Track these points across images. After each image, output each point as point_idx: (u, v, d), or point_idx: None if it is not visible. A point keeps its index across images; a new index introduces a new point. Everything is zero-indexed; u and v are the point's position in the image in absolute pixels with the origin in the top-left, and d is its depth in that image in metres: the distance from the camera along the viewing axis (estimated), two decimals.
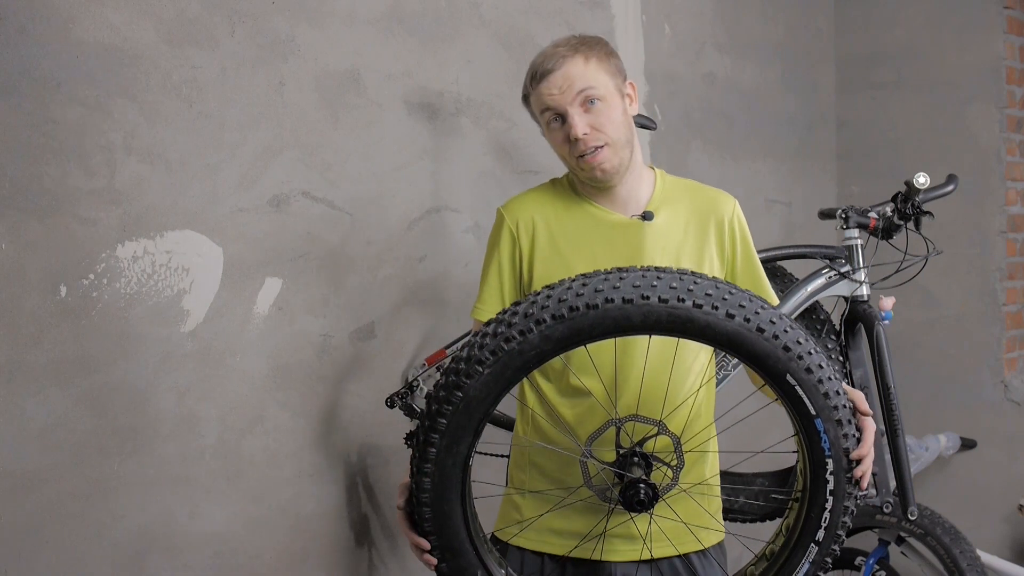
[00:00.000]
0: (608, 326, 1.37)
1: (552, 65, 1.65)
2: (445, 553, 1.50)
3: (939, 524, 2.65)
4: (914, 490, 2.53)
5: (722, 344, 1.39)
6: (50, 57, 1.84)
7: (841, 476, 1.46)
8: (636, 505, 1.50)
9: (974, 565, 2.62)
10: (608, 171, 1.67)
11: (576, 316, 1.36)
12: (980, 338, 3.65)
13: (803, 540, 1.50)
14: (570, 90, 1.64)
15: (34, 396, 1.84)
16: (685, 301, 1.36)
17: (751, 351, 1.39)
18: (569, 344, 1.38)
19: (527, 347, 1.37)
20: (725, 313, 1.37)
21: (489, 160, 2.66)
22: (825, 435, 1.44)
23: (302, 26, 2.23)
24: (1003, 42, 3.60)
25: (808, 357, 1.41)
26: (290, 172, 2.22)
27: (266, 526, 2.20)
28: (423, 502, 1.47)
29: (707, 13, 3.38)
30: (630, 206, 1.73)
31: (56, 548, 1.87)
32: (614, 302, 1.35)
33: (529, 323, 1.37)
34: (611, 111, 1.66)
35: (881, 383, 2.49)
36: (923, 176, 2.48)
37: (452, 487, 1.45)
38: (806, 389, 1.41)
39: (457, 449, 1.43)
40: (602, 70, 1.66)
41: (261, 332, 2.18)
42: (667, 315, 1.36)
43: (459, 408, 1.41)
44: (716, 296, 1.37)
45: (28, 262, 1.82)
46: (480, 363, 1.39)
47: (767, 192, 3.63)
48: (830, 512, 1.48)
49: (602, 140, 1.65)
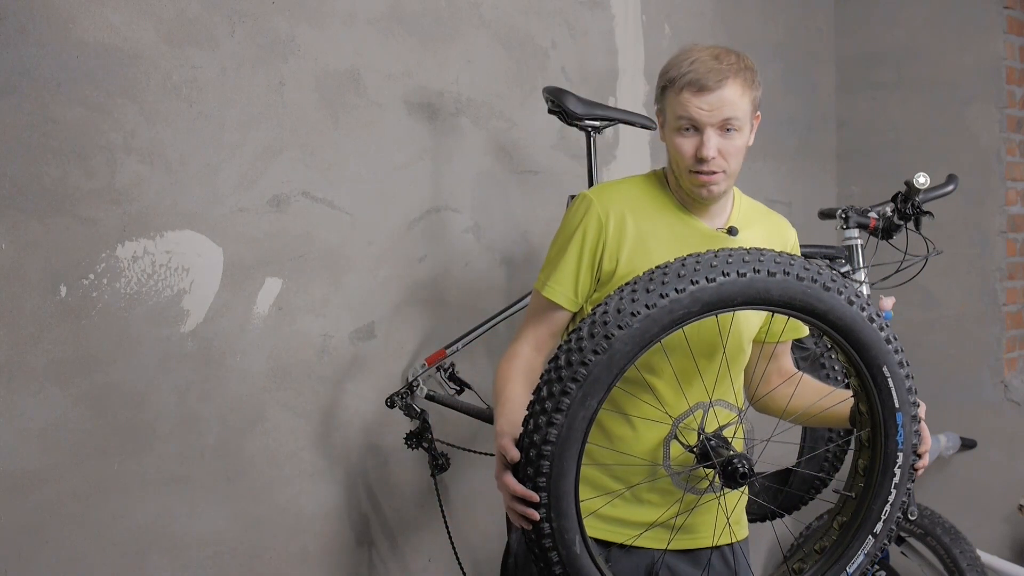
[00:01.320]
0: (751, 295, 1.45)
1: (713, 83, 1.65)
2: (551, 512, 1.47)
3: (939, 524, 2.65)
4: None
5: (836, 328, 1.49)
6: (50, 57, 1.84)
7: (907, 470, 1.56)
8: (739, 479, 1.55)
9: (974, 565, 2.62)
10: (714, 193, 1.71)
11: (726, 282, 1.44)
12: (980, 338, 3.65)
13: (861, 533, 1.58)
14: (719, 113, 1.65)
15: (34, 396, 1.84)
16: (816, 282, 1.46)
17: (860, 339, 1.50)
18: (713, 308, 1.45)
19: (677, 306, 1.43)
20: (847, 299, 1.48)
21: (489, 160, 2.65)
22: (903, 428, 1.54)
23: (302, 26, 2.23)
24: (1003, 42, 3.59)
25: (901, 353, 1.53)
26: (290, 172, 2.22)
27: (266, 526, 2.20)
28: (544, 454, 1.45)
29: (707, 13, 3.38)
30: (718, 219, 1.78)
31: (56, 548, 1.87)
32: (760, 273, 1.45)
33: (684, 283, 1.43)
34: (740, 142, 1.69)
35: None
36: (923, 176, 2.48)
37: (576, 443, 1.45)
38: (896, 382, 1.53)
39: (589, 402, 1.44)
40: (748, 100, 1.69)
41: (261, 332, 2.18)
42: (801, 292, 1.46)
43: (603, 359, 1.42)
44: (840, 282, 1.49)
45: (28, 262, 1.82)
46: (633, 315, 1.42)
47: (767, 192, 3.62)
48: (891, 506, 1.57)
49: (723, 167, 1.68)
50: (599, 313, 1.44)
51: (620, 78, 3.04)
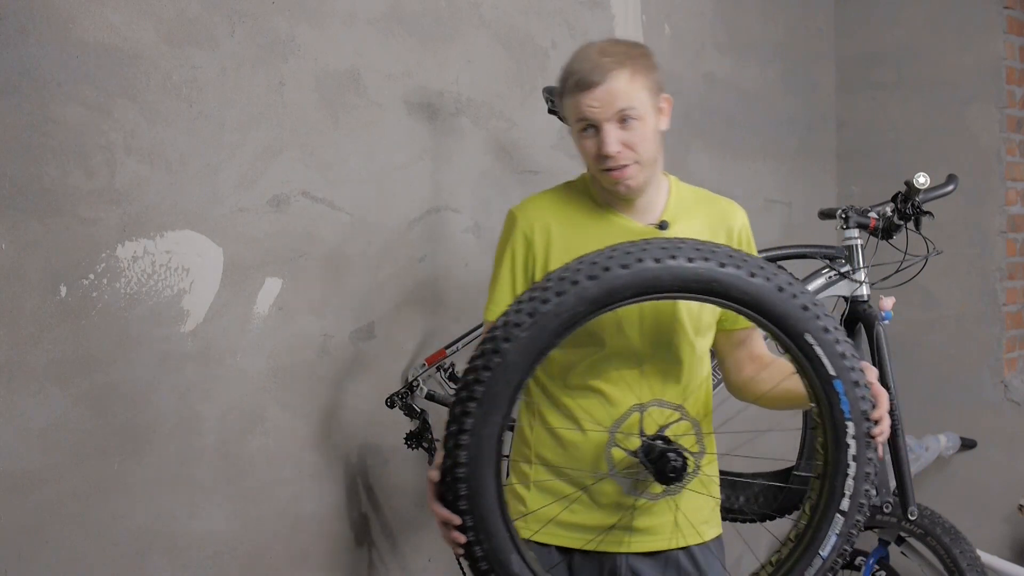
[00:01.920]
0: (639, 286, 1.41)
1: (598, 78, 1.63)
2: (479, 535, 1.47)
3: (939, 524, 2.65)
4: (914, 490, 2.53)
5: (745, 304, 1.44)
6: (50, 57, 1.84)
7: (862, 440, 1.49)
8: (670, 474, 1.51)
9: (974, 565, 2.62)
10: (633, 187, 1.68)
11: (609, 276, 1.40)
12: (980, 338, 3.65)
13: (828, 512, 1.51)
14: (611, 106, 1.63)
15: (34, 396, 1.84)
16: (709, 260, 1.42)
17: (772, 311, 1.44)
18: (603, 305, 1.42)
19: (563, 308, 1.40)
20: (748, 272, 1.43)
21: (489, 160, 2.65)
22: (845, 396, 1.47)
23: (302, 26, 2.23)
24: (1003, 42, 3.60)
25: (824, 318, 1.45)
26: (290, 172, 2.22)
27: (266, 526, 2.20)
28: (459, 477, 1.44)
29: (707, 13, 3.38)
30: (647, 214, 1.74)
31: (56, 548, 1.87)
32: (644, 262, 1.41)
33: (565, 284, 1.40)
34: (645, 130, 1.66)
35: (881, 383, 2.49)
36: (923, 176, 2.48)
37: (488, 461, 1.44)
38: (825, 349, 1.45)
39: (493, 419, 1.43)
40: (644, 87, 1.65)
41: (261, 332, 2.18)
42: (694, 275, 1.42)
43: (497, 374, 1.41)
44: (737, 257, 1.44)
45: (28, 262, 1.82)
46: (518, 326, 1.40)
47: (767, 192, 3.62)
48: (853, 479, 1.50)
49: (632, 159, 1.65)
50: (491, 329, 1.43)
51: None
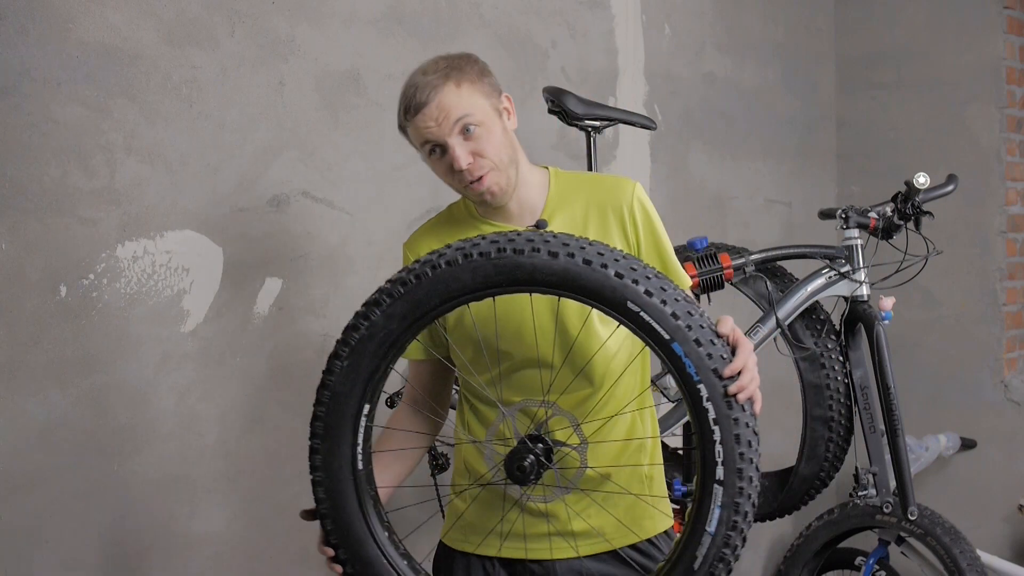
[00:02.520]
0: (442, 292, 1.39)
1: (425, 97, 1.62)
2: (355, 565, 1.50)
3: (939, 524, 2.65)
4: (914, 490, 2.53)
5: (556, 286, 1.37)
6: (50, 57, 1.84)
7: (719, 401, 1.35)
8: (517, 473, 1.46)
9: (974, 565, 2.62)
10: (497, 193, 1.66)
11: (409, 289, 1.39)
12: (980, 338, 3.65)
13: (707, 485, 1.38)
14: (447, 121, 1.61)
15: (34, 396, 1.84)
16: (506, 250, 1.37)
17: (585, 286, 1.36)
18: (414, 320, 1.40)
19: (375, 330, 1.41)
20: (548, 252, 1.36)
21: None
22: (687, 359, 1.35)
23: (302, 26, 2.23)
24: (1003, 42, 3.60)
25: (645, 281, 1.35)
26: (290, 172, 2.21)
27: (266, 526, 2.20)
28: (323, 513, 1.48)
29: (707, 13, 3.38)
30: (525, 216, 1.71)
31: (56, 548, 1.87)
32: (440, 267, 1.38)
33: (371, 308, 1.41)
34: (491, 135, 1.63)
35: (881, 383, 2.49)
36: (923, 176, 2.48)
37: (346, 494, 1.46)
38: (651, 313, 1.34)
39: (339, 451, 1.44)
40: (476, 93, 1.63)
41: (261, 332, 2.18)
42: (494, 268, 1.37)
43: (330, 406, 1.44)
44: (538, 240, 1.38)
45: (28, 262, 1.82)
46: (338, 357, 1.43)
47: (767, 192, 3.62)
48: (721, 444, 1.36)
49: (487, 167, 1.63)
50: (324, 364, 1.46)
51: (620, 78, 3.04)
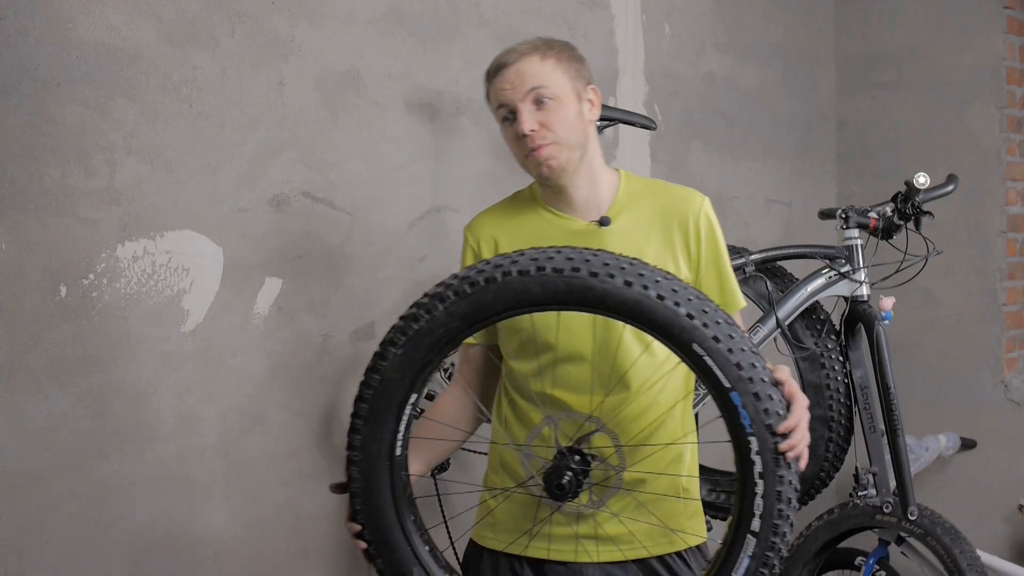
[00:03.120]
0: (509, 299, 1.38)
1: (507, 60, 1.66)
2: (380, 548, 1.49)
3: (939, 524, 2.65)
4: (914, 490, 2.53)
5: (624, 314, 1.37)
6: (50, 57, 1.84)
7: (768, 455, 1.36)
8: (556, 491, 1.47)
9: (974, 565, 2.62)
10: (554, 168, 1.67)
11: (477, 291, 1.38)
12: (980, 338, 3.65)
13: (740, 533, 1.39)
14: (522, 86, 1.64)
15: (34, 396, 1.84)
16: (581, 270, 1.35)
17: (653, 320, 1.35)
18: (475, 321, 1.40)
19: (435, 325, 1.40)
20: (623, 281, 1.35)
21: (489, 160, 2.65)
22: (743, 410, 1.35)
23: (302, 26, 2.23)
24: (1003, 42, 3.60)
25: (715, 326, 1.35)
26: (290, 172, 2.22)
27: (266, 526, 2.20)
28: (354, 493, 1.48)
29: (707, 13, 3.38)
30: (591, 211, 1.73)
31: (56, 548, 1.87)
32: (511, 275, 1.37)
33: (434, 301, 1.40)
34: (563, 111, 1.65)
35: (881, 383, 2.50)
36: (923, 176, 2.48)
37: (380, 478, 1.46)
38: (716, 359, 1.34)
39: (380, 435, 1.44)
40: (559, 70, 1.66)
41: (261, 332, 2.18)
42: (565, 285, 1.36)
43: (378, 391, 1.43)
44: (614, 265, 1.36)
45: (28, 262, 1.82)
46: (393, 344, 1.42)
47: (767, 192, 3.62)
48: (763, 497, 1.36)
49: (549, 139, 1.65)
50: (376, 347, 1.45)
51: (620, 78, 3.04)
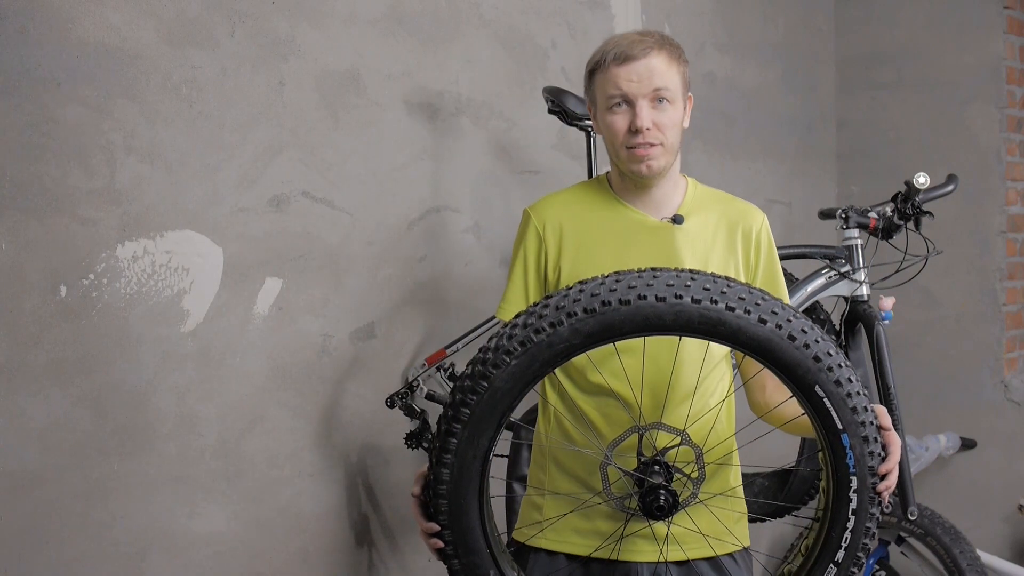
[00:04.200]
0: (639, 323, 1.35)
1: (638, 53, 1.64)
2: (459, 549, 1.47)
3: (939, 524, 2.65)
4: (914, 490, 2.53)
5: (752, 349, 1.38)
6: (50, 57, 1.84)
7: (864, 495, 1.44)
8: (656, 511, 1.49)
9: (974, 565, 2.62)
10: (653, 169, 1.68)
11: (608, 311, 1.34)
12: (980, 338, 3.65)
13: (822, 561, 1.47)
14: (648, 83, 1.64)
15: (34, 396, 1.84)
16: (718, 303, 1.34)
17: (781, 359, 1.38)
18: (599, 340, 1.37)
19: (556, 339, 1.36)
20: (758, 318, 1.35)
21: (489, 160, 2.66)
22: (851, 451, 1.41)
23: (302, 26, 2.23)
24: (1003, 42, 3.60)
25: (838, 370, 1.39)
26: (290, 172, 2.22)
27: (266, 526, 2.20)
28: (440, 494, 1.45)
29: (707, 13, 3.38)
30: (663, 209, 1.74)
31: (56, 548, 1.87)
32: (647, 299, 1.34)
33: (560, 315, 1.35)
34: (675, 115, 1.67)
35: (881, 383, 2.50)
36: (923, 176, 2.48)
37: (471, 481, 1.43)
38: (834, 402, 1.39)
39: (479, 441, 1.41)
40: (679, 74, 1.68)
41: (261, 332, 2.18)
42: (699, 316, 1.35)
43: (484, 398, 1.39)
44: (749, 301, 1.36)
45: (28, 262, 1.82)
46: (508, 353, 1.37)
47: (767, 192, 3.63)
48: (851, 532, 1.45)
49: (659, 139, 1.66)
50: (482, 350, 1.41)
51: None
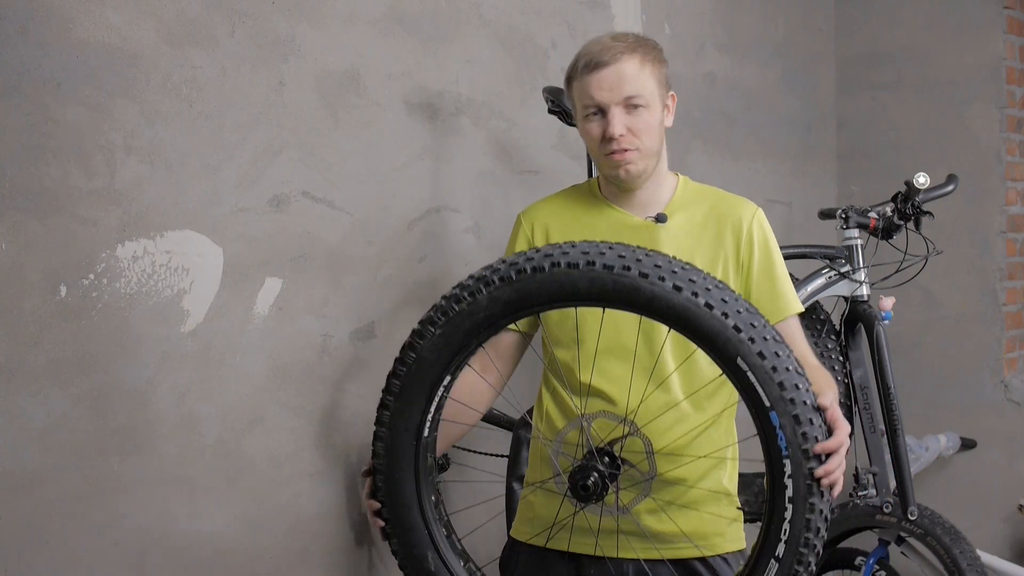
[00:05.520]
0: (554, 291, 1.35)
1: (608, 59, 1.63)
2: (396, 528, 1.48)
3: (939, 524, 2.65)
4: (914, 490, 2.54)
5: (669, 319, 1.33)
6: (50, 57, 1.84)
7: (801, 481, 1.31)
8: (580, 491, 1.45)
9: (974, 565, 2.62)
10: (632, 173, 1.68)
11: (523, 279, 1.35)
12: (980, 338, 3.65)
13: (763, 557, 1.34)
14: (619, 91, 1.64)
15: (34, 396, 1.84)
16: (631, 270, 1.32)
17: (699, 329, 1.32)
18: (518, 309, 1.37)
19: (476, 308, 1.38)
20: (672, 285, 1.31)
21: (489, 160, 2.66)
22: (781, 431, 1.30)
23: (302, 26, 2.23)
24: (1003, 42, 3.60)
25: (763, 342, 1.30)
26: (290, 172, 2.22)
27: (266, 526, 2.20)
28: (377, 468, 1.48)
29: (707, 13, 3.38)
30: (648, 209, 1.74)
31: (56, 548, 1.87)
32: (560, 266, 1.34)
33: (479, 284, 1.38)
34: (650, 119, 1.67)
35: (881, 383, 2.50)
36: (923, 176, 2.48)
37: (404, 456, 1.44)
38: (759, 376, 1.30)
39: (409, 413, 1.43)
40: (653, 77, 1.67)
41: (261, 332, 2.18)
42: (612, 283, 1.32)
43: (412, 369, 1.42)
44: (665, 268, 1.32)
45: (28, 262, 1.82)
46: (432, 323, 1.41)
47: (767, 192, 3.62)
48: (790, 524, 1.31)
49: (635, 144, 1.66)
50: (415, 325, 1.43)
51: None
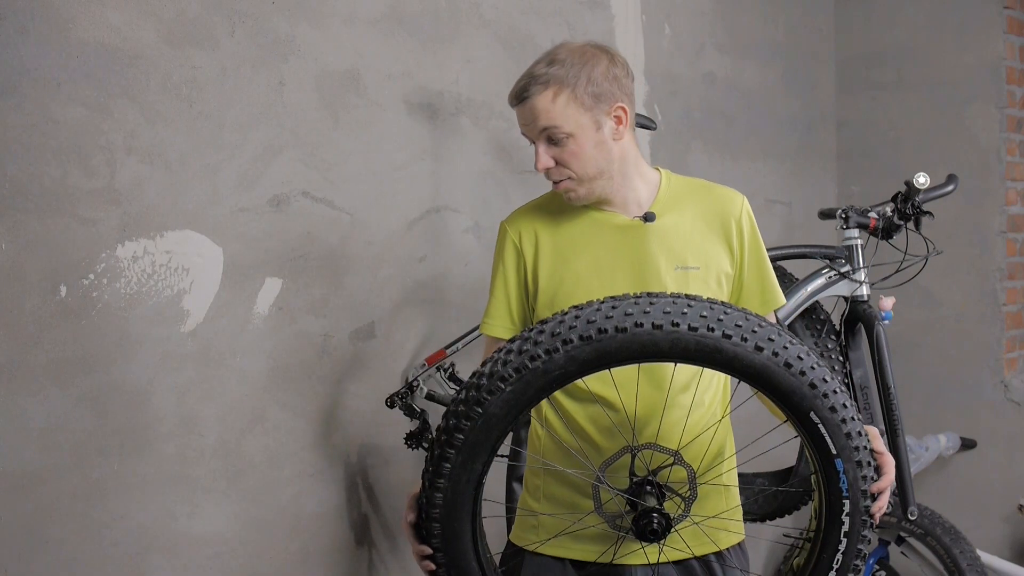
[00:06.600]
0: (635, 351, 1.35)
1: (523, 94, 1.63)
2: (451, 572, 1.48)
3: (939, 524, 2.65)
4: (914, 490, 2.53)
5: (748, 377, 1.38)
6: (50, 57, 1.84)
7: (857, 518, 1.45)
8: (649, 535, 1.49)
9: (974, 565, 2.62)
10: (574, 199, 1.67)
11: (604, 338, 1.34)
12: (980, 338, 3.65)
13: None
14: (535, 124, 1.63)
15: (34, 396, 1.84)
16: (714, 331, 1.34)
17: (777, 386, 1.38)
18: (594, 366, 1.36)
19: (552, 367, 1.35)
20: (754, 346, 1.35)
21: (489, 160, 2.65)
22: (844, 475, 1.42)
23: (302, 26, 2.23)
24: (1003, 42, 3.60)
25: (833, 396, 1.39)
26: (290, 172, 2.22)
27: (266, 526, 2.20)
28: (433, 517, 1.45)
29: (707, 13, 3.38)
30: (632, 208, 1.71)
31: (56, 548, 1.87)
32: (643, 327, 1.33)
33: (556, 342, 1.35)
34: (580, 147, 1.62)
35: (881, 383, 2.50)
36: (923, 176, 2.48)
37: (464, 505, 1.43)
38: (829, 428, 1.40)
39: (472, 466, 1.41)
40: (572, 106, 1.60)
41: (261, 332, 2.18)
42: (695, 344, 1.34)
43: (478, 425, 1.38)
44: (745, 328, 1.36)
45: (28, 262, 1.82)
46: (503, 380, 1.37)
47: (767, 192, 3.62)
48: (843, 554, 1.46)
49: (566, 175, 1.64)
50: (476, 375, 1.40)
51: None
